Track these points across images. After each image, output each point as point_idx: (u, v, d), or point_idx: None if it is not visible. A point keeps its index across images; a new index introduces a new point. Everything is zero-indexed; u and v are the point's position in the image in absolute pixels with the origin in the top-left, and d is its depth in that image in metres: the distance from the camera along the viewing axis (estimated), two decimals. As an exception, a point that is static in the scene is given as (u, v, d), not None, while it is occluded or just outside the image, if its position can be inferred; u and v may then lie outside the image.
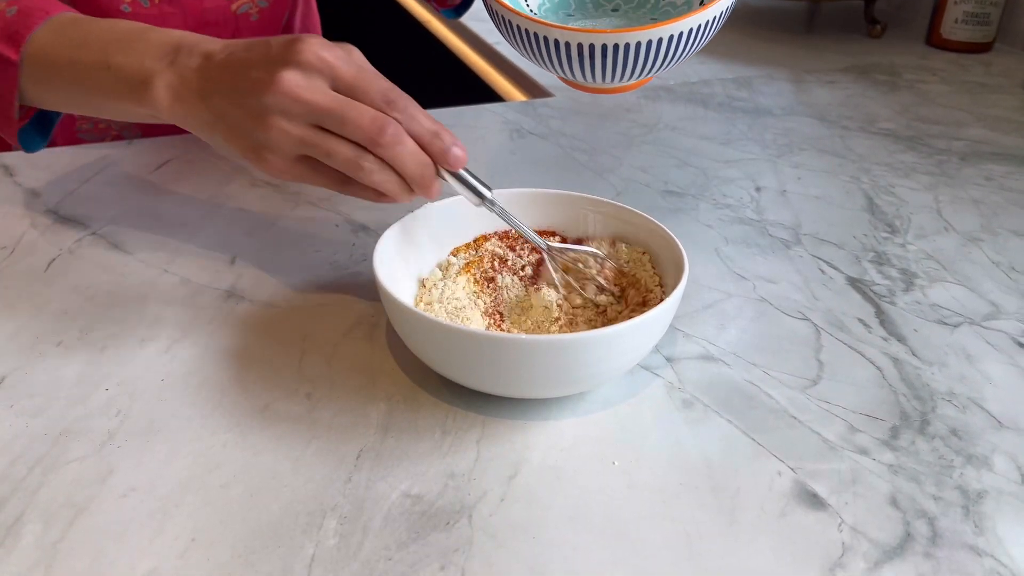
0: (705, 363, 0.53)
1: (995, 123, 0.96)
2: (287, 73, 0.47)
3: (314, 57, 0.47)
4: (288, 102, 0.47)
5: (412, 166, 0.49)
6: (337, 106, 0.47)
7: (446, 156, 0.49)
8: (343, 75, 0.47)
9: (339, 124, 0.47)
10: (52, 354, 0.51)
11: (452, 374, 0.47)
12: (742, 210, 0.73)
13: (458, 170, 0.51)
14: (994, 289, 0.62)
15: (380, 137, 0.47)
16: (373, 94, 0.48)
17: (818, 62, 1.17)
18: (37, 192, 0.70)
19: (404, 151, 0.48)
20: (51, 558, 0.38)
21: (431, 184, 0.50)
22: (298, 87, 0.46)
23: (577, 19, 0.62)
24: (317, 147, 0.48)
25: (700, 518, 0.41)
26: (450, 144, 0.49)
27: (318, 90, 0.47)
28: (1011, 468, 0.45)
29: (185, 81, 0.50)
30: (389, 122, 0.47)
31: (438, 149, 0.49)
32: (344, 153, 0.48)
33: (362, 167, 0.48)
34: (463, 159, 0.50)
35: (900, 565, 0.39)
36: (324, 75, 0.47)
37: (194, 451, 0.44)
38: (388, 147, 0.47)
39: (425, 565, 0.38)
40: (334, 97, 0.47)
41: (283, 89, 0.46)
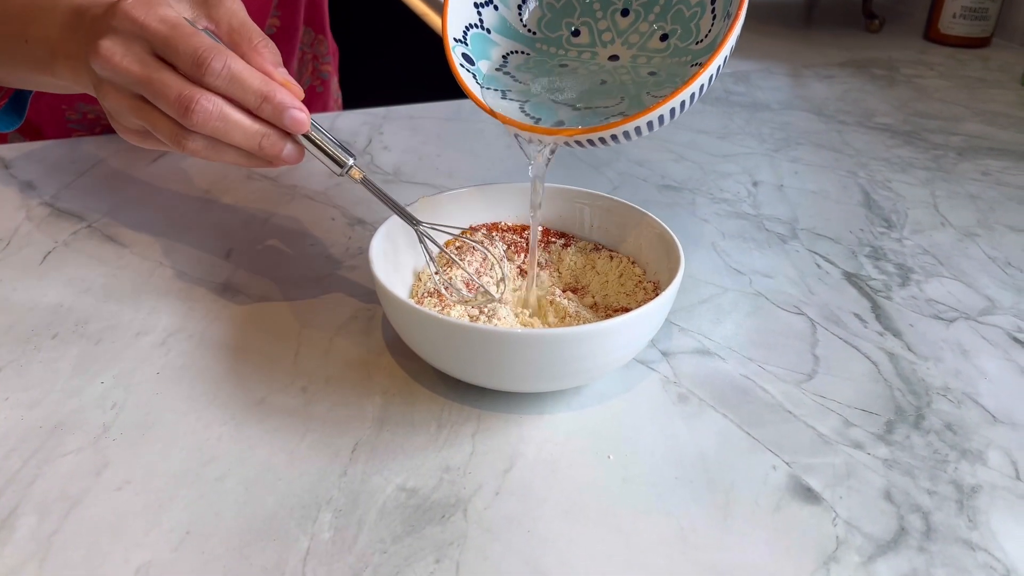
0: (701, 357, 0.53)
1: (992, 118, 0.96)
2: (104, 40, 0.43)
3: (125, 18, 0.43)
4: (108, 71, 0.43)
5: (241, 139, 0.44)
6: (143, 76, 0.43)
7: (282, 119, 0.44)
8: (153, 36, 0.43)
9: (152, 97, 0.43)
10: (47, 347, 0.51)
11: (447, 368, 0.47)
12: (739, 204, 0.73)
13: (304, 133, 0.46)
14: (990, 284, 0.62)
15: (187, 116, 0.42)
16: (181, 55, 0.42)
17: (816, 57, 1.17)
18: (33, 185, 0.70)
19: (223, 126, 0.43)
20: (45, 550, 0.38)
21: (277, 152, 0.45)
22: (112, 53, 0.43)
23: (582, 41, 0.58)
24: (145, 120, 0.44)
25: (695, 512, 0.42)
26: (286, 105, 0.44)
27: (130, 57, 0.43)
28: (1005, 463, 0.45)
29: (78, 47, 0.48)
30: (196, 96, 0.42)
31: (268, 114, 0.44)
32: (165, 129, 0.44)
33: (185, 146, 0.44)
34: (304, 121, 0.45)
35: (894, 559, 0.39)
36: (139, 38, 0.43)
37: (189, 444, 0.44)
38: (200, 126, 0.43)
39: (420, 558, 0.39)
40: (144, 65, 0.43)
41: (100, 58, 0.43)
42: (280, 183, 0.72)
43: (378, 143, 0.81)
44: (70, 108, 0.82)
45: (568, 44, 0.57)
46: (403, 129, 0.85)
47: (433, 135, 0.84)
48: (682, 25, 0.55)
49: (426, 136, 0.84)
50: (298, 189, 0.71)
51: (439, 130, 0.86)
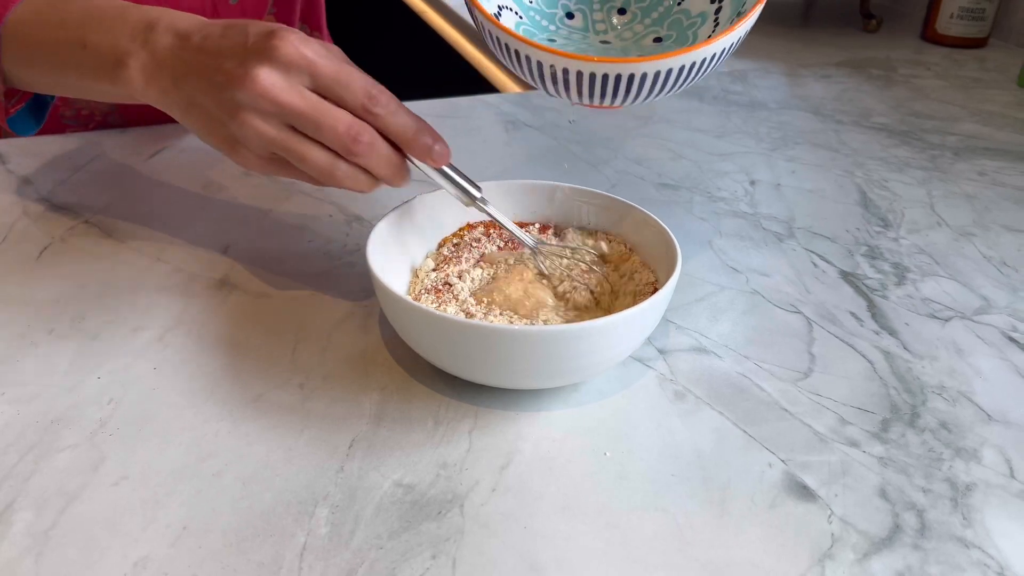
0: (697, 355, 0.53)
1: (989, 118, 0.96)
2: (263, 70, 0.45)
3: (294, 52, 0.45)
4: (262, 101, 0.45)
5: (384, 170, 0.48)
6: (312, 111, 0.45)
7: (430, 153, 0.48)
8: (323, 72, 0.45)
9: (314, 129, 0.46)
10: (44, 342, 0.51)
11: (445, 364, 0.47)
12: (736, 203, 0.73)
13: (442, 167, 0.50)
14: (985, 284, 0.63)
15: (355, 146, 0.46)
16: (356, 90, 0.46)
17: (813, 56, 1.17)
18: (29, 180, 0.70)
19: (378, 157, 0.47)
20: (42, 545, 0.38)
21: (401, 182, 0.49)
22: (273, 86, 0.45)
23: (575, 24, 0.59)
24: (291, 151, 0.46)
25: (691, 509, 0.42)
26: (433, 142, 0.48)
27: (294, 91, 0.45)
28: (1000, 461, 0.46)
29: (159, 62, 0.49)
30: (364, 129, 0.46)
31: (422, 147, 0.48)
32: (317, 160, 0.47)
33: (334, 176, 0.47)
34: (446, 156, 0.49)
35: (889, 556, 0.40)
36: (303, 72, 0.45)
37: (186, 440, 0.44)
38: (362, 156, 0.46)
39: (416, 554, 0.39)
40: (310, 100, 0.45)
41: (258, 88, 0.44)
42: (278, 179, 0.72)
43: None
44: (65, 105, 0.82)
45: (560, 23, 0.57)
46: (401, 126, 0.85)
47: (431, 132, 0.84)
48: (678, 32, 0.55)
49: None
50: (296, 185, 0.71)
51: (436, 127, 0.85)
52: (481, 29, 0.52)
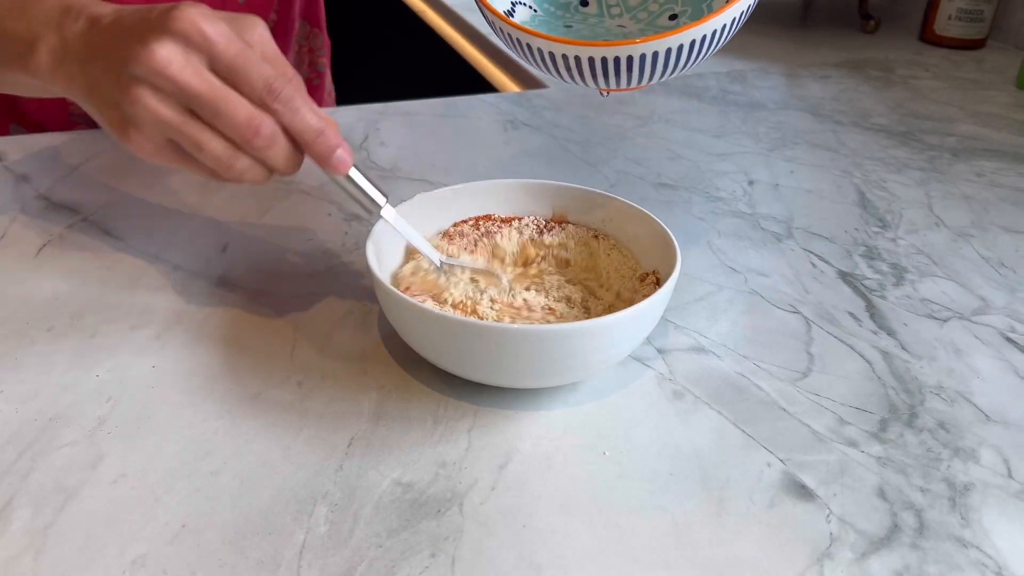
0: (696, 355, 0.53)
1: (987, 119, 0.96)
2: (161, 45, 0.42)
3: (192, 28, 0.42)
4: (158, 77, 0.42)
5: (282, 164, 0.46)
6: (210, 93, 0.42)
7: (329, 159, 0.46)
8: (222, 54, 0.43)
9: (211, 114, 0.43)
10: (42, 340, 0.51)
11: (444, 363, 0.47)
12: (735, 203, 0.73)
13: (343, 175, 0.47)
14: (983, 284, 0.63)
15: (254, 139, 0.43)
16: (254, 80, 0.43)
17: (812, 57, 1.17)
18: (27, 177, 0.70)
19: (277, 151, 0.45)
20: (40, 543, 0.38)
21: (294, 172, 0.47)
22: (169, 62, 0.42)
23: (590, 10, 0.58)
24: (187, 137, 0.44)
25: (689, 508, 0.42)
26: (334, 146, 0.46)
27: (193, 69, 0.42)
28: (998, 461, 0.46)
29: (68, 45, 0.46)
30: (265, 121, 0.44)
31: (322, 150, 0.46)
32: (214, 150, 0.44)
33: (232, 168, 0.45)
34: (347, 163, 0.47)
35: (887, 556, 0.40)
36: (202, 52, 0.42)
37: (185, 438, 0.44)
38: (261, 149, 0.44)
39: (415, 553, 0.39)
40: (209, 82, 0.43)
41: (153, 62, 0.41)
42: (276, 178, 0.72)
43: (375, 139, 0.81)
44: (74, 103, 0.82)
45: (575, 11, 0.57)
46: (399, 125, 0.85)
47: (429, 131, 0.84)
48: (693, 7, 0.55)
49: (422, 132, 0.84)
50: (294, 184, 0.71)
51: (435, 126, 0.86)
52: (494, 27, 0.52)
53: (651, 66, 0.48)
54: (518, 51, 0.51)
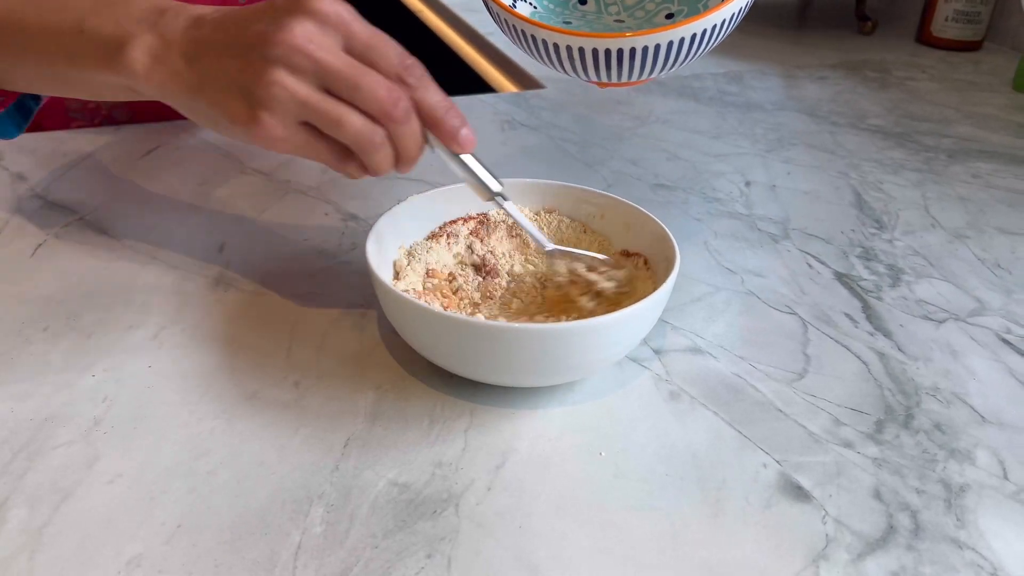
0: (692, 356, 0.53)
1: (983, 121, 0.96)
2: (298, 23, 0.42)
3: (330, 9, 0.42)
4: (297, 56, 0.42)
5: (412, 145, 0.45)
6: (351, 70, 0.42)
7: (456, 136, 0.46)
8: (359, 33, 0.43)
9: (352, 90, 0.43)
10: (38, 339, 0.51)
11: (442, 361, 0.47)
12: (731, 204, 0.73)
13: (465, 155, 0.47)
14: (979, 286, 0.63)
15: (394, 111, 0.43)
16: (391, 58, 0.44)
17: (809, 58, 1.17)
18: (24, 176, 0.70)
19: (411, 129, 0.45)
20: (36, 543, 0.38)
21: (411, 166, 0.47)
22: (309, 40, 0.42)
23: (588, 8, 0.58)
24: (326, 114, 0.43)
25: (685, 509, 0.42)
26: (460, 124, 0.46)
27: (331, 48, 0.42)
28: (993, 463, 0.46)
29: (168, 43, 0.45)
30: (402, 95, 0.44)
31: (450, 128, 0.45)
32: (356, 125, 0.43)
33: (373, 143, 0.44)
34: (472, 142, 0.47)
35: (883, 557, 0.40)
36: (338, 31, 0.43)
37: (181, 438, 0.44)
38: (400, 123, 0.44)
39: (411, 553, 0.39)
40: (347, 59, 0.43)
41: (292, 40, 0.41)
42: (274, 178, 0.72)
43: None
44: (71, 98, 0.82)
45: (573, 8, 0.57)
46: (397, 125, 0.85)
47: (427, 131, 0.84)
48: (689, 6, 0.55)
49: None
50: (291, 184, 0.71)
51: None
52: (497, 19, 0.52)
53: (649, 59, 0.48)
54: (522, 42, 0.52)
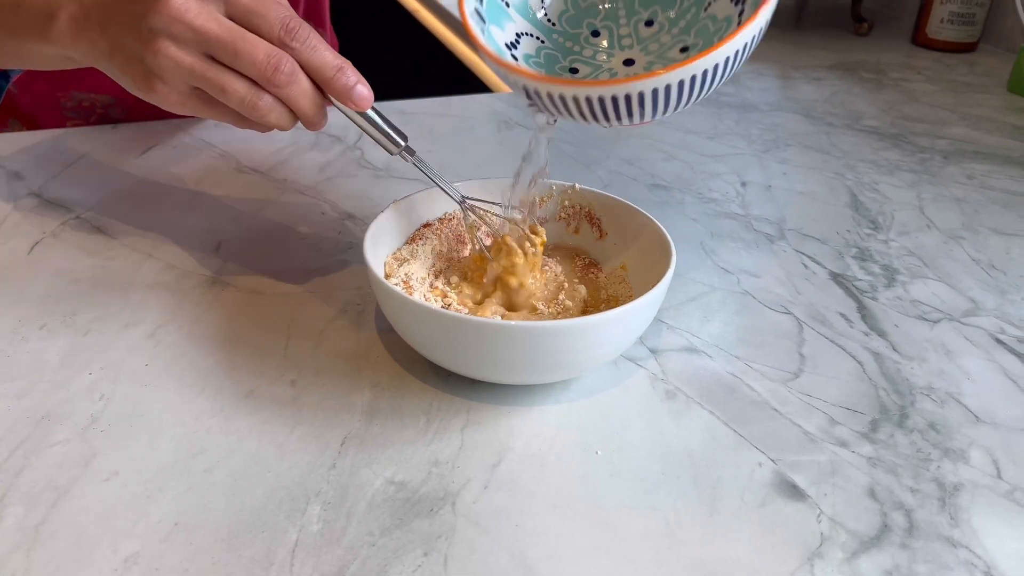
0: (688, 355, 0.53)
1: (978, 122, 0.96)
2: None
3: None
4: (176, 26, 0.43)
5: (306, 105, 0.46)
6: (228, 36, 0.44)
7: (350, 94, 0.46)
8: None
9: (231, 56, 0.44)
10: (35, 337, 0.51)
11: (440, 358, 0.47)
12: (727, 204, 0.73)
13: (366, 111, 0.48)
14: (974, 286, 0.63)
15: (275, 75, 0.44)
16: (272, 21, 0.45)
17: (805, 59, 1.18)
18: (20, 175, 0.70)
19: (299, 90, 0.46)
20: (33, 540, 0.38)
21: (319, 123, 0.48)
22: (186, 10, 0.43)
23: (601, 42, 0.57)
24: (209, 81, 0.45)
25: (681, 507, 0.42)
26: (355, 82, 0.46)
27: (209, 15, 0.44)
28: (987, 462, 0.46)
29: (86, 11, 0.48)
30: (284, 58, 0.45)
31: (342, 86, 0.46)
32: (238, 91, 0.45)
33: (257, 107, 0.45)
34: (368, 98, 0.47)
35: (877, 555, 0.40)
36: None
37: (178, 436, 0.44)
38: (282, 86, 0.45)
39: (408, 551, 0.39)
40: (226, 25, 0.44)
41: (170, 11, 0.43)
42: (271, 176, 0.72)
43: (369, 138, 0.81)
44: (65, 95, 0.82)
45: (586, 42, 0.56)
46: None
47: (424, 130, 0.84)
48: (704, 40, 0.54)
49: (417, 131, 0.84)
50: (288, 183, 0.71)
51: (430, 125, 0.86)
52: (499, 74, 0.51)
53: (661, 100, 0.45)
54: (526, 96, 0.49)
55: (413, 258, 0.54)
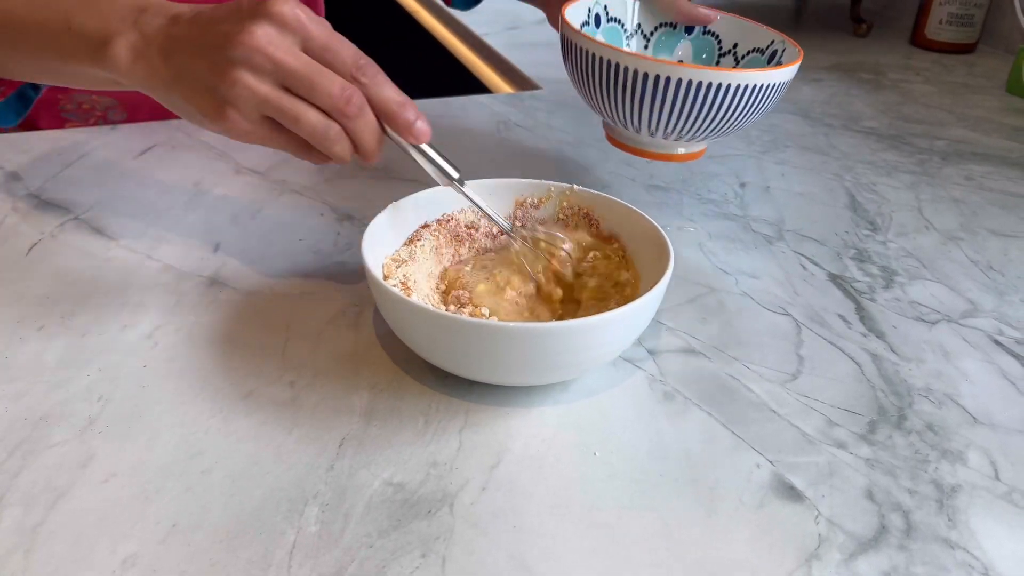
0: (686, 356, 0.53)
1: (977, 123, 0.97)
2: (258, 26, 0.45)
3: (289, 12, 0.46)
4: (257, 57, 0.45)
5: (369, 139, 0.49)
6: (307, 70, 0.46)
7: (411, 129, 0.49)
8: (316, 35, 0.47)
9: (308, 89, 0.46)
10: (33, 339, 0.51)
11: (438, 360, 0.47)
12: (726, 206, 0.73)
13: (422, 145, 0.51)
14: (972, 287, 0.63)
15: (348, 107, 0.47)
16: (345, 58, 0.47)
17: (804, 60, 1.18)
18: (18, 176, 0.70)
19: (365, 123, 0.48)
20: (31, 542, 0.38)
21: (375, 157, 0.50)
22: (268, 42, 0.45)
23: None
24: (284, 111, 0.47)
25: (679, 509, 0.42)
26: (415, 118, 0.49)
27: (289, 49, 0.46)
28: (985, 463, 0.46)
29: (148, 39, 0.49)
30: (356, 92, 0.47)
31: (404, 121, 0.49)
32: (312, 121, 0.47)
33: (327, 136, 0.48)
34: (427, 133, 0.50)
35: (875, 557, 0.40)
36: (296, 34, 0.46)
37: (176, 437, 0.44)
38: (353, 118, 0.47)
39: (406, 553, 0.39)
40: (304, 59, 0.46)
41: (253, 42, 0.45)
42: (269, 178, 0.72)
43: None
44: (65, 98, 0.82)
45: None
46: (393, 125, 0.85)
47: (423, 132, 0.84)
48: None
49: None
50: (287, 184, 0.71)
51: (429, 127, 0.86)
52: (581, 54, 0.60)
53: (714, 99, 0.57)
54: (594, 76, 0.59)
55: (411, 259, 0.54)
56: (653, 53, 0.72)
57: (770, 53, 0.68)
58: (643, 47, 0.72)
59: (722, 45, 0.70)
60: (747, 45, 0.69)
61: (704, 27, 0.71)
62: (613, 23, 0.70)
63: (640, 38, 0.71)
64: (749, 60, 0.69)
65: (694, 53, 0.72)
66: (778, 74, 0.59)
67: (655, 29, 0.71)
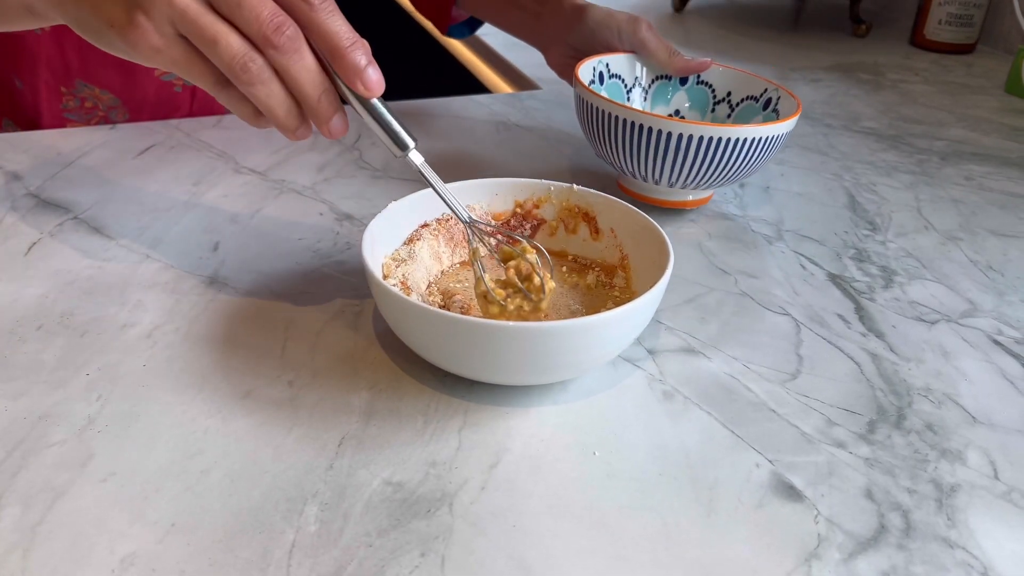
0: (686, 356, 0.53)
1: (976, 124, 0.97)
2: None
3: None
4: None
5: (307, 83, 0.41)
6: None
7: (360, 74, 0.41)
8: None
9: (233, 7, 0.39)
10: (32, 338, 0.51)
11: (438, 359, 0.47)
12: (725, 206, 0.73)
13: (372, 100, 0.42)
14: (971, 287, 0.63)
15: (276, 36, 0.39)
16: None
17: (803, 60, 1.18)
18: (18, 175, 0.70)
19: (301, 62, 0.40)
20: (29, 541, 0.38)
21: (329, 115, 0.42)
22: None
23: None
24: (202, 28, 0.39)
25: (678, 508, 0.42)
26: (366, 62, 0.41)
27: None
28: (984, 463, 0.46)
29: None
30: (290, 22, 0.39)
31: (352, 64, 0.40)
32: (231, 45, 0.39)
33: (247, 69, 0.40)
34: (379, 84, 0.42)
35: (874, 556, 0.40)
36: None
37: (175, 437, 0.44)
38: (282, 51, 0.39)
39: (405, 552, 0.39)
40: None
41: None
42: (268, 177, 0.72)
43: (367, 139, 0.81)
44: (69, 93, 0.81)
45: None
46: (392, 125, 0.85)
47: (421, 132, 0.84)
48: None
49: (416, 132, 0.83)
50: (286, 184, 0.71)
51: (427, 127, 0.86)
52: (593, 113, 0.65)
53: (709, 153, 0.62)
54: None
55: (411, 259, 0.54)
56: (651, 104, 0.77)
57: (764, 100, 0.72)
58: (643, 99, 0.76)
59: (716, 94, 0.76)
60: (741, 93, 0.74)
61: (698, 77, 0.75)
62: (615, 79, 0.75)
63: (640, 90, 0.76)
64: (744, 108, 0.74)
65: (691, 103, 0.77)
66: (779, 127, 0.63)
67: (652, 82, 0.76)
